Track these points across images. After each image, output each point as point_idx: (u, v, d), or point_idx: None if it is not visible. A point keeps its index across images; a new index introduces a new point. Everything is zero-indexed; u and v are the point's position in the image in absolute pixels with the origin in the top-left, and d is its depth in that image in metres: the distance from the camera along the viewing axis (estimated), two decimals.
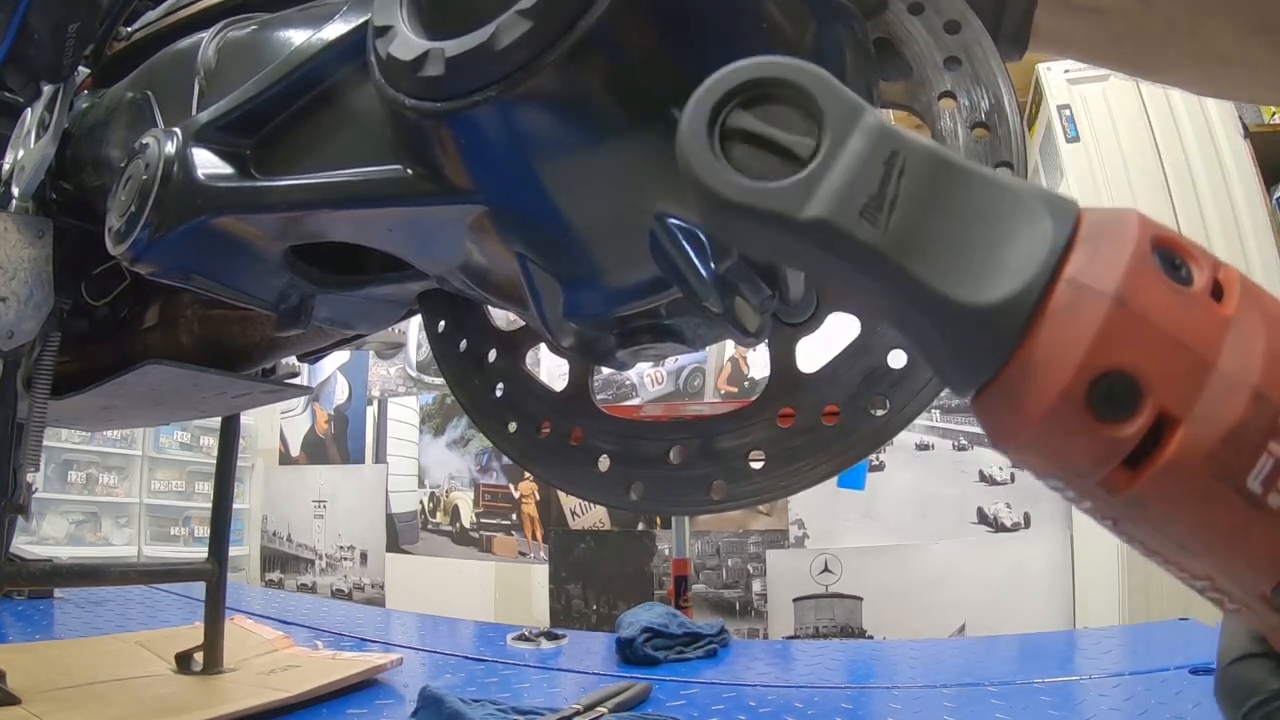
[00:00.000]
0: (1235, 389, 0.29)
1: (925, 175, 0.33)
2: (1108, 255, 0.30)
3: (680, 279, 0.51)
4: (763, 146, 0.34)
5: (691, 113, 0.34)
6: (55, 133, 0.92)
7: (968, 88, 0.57)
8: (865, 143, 0.33)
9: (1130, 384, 0.29)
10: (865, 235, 0.32)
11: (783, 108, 0.34)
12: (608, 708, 1.10)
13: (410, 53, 0.50)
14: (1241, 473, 0.29)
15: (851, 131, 0.33)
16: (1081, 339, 0.29)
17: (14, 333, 0.92)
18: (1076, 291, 0.29)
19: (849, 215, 0.32)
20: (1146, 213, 0.31)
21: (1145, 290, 0.29)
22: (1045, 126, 3.29)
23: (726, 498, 0.60)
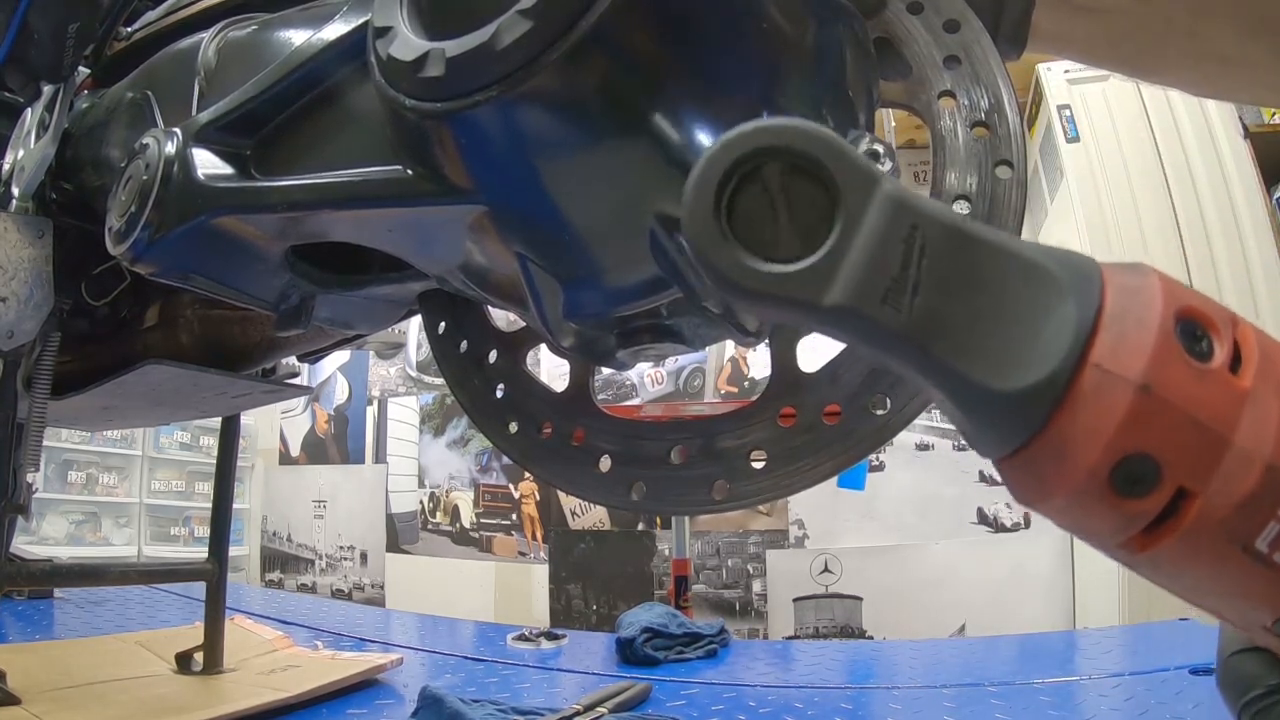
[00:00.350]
0: (1250, 463, 0.30)
1: (946, 251, 0.32)
2: (1133, 339, 0.30)
3: (680, 279, 0.51)
4: (774, 221, 0.33)
5: (695, 191, 0.33)
6: (55, 133, 0.92)
7: (967, 86, 0.56)
8: (883, 219, 0.32)
9: (1151, 465, 0.30)
10: (889, 321, 0.32)
11: (791, 176, 0.33)
12: (608, 708, 1.10)
13: (410, 53, 0.50)
14: (1251, 536, 0.30)
15: (868, 204, 0.32)
16: (1107, 426, 0.30)
17: (14, 333, 0.92)
18: (1103, 378, 0.30)
19: (872, 302, 0.32)
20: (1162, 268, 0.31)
21: (1168, 374, 0.30)
22: (1045, 126, 3.29)
23: (728, 498, 0.59)
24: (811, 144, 0.32)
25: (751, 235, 0.33)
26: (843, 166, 0.32)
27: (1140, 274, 0.31)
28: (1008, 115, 0.55)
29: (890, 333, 0.32)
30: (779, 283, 0.32)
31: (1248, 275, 2.79)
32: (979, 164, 0.55)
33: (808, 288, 0.32)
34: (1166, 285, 0.31)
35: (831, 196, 0.32)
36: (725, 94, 0.49)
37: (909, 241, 0.32)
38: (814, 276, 0.32)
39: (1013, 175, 0.54)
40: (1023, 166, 0.54)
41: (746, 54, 0.50)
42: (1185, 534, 0.30)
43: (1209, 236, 2.86)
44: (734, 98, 0.50)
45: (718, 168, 0.33)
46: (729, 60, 0.49)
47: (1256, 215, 2.81)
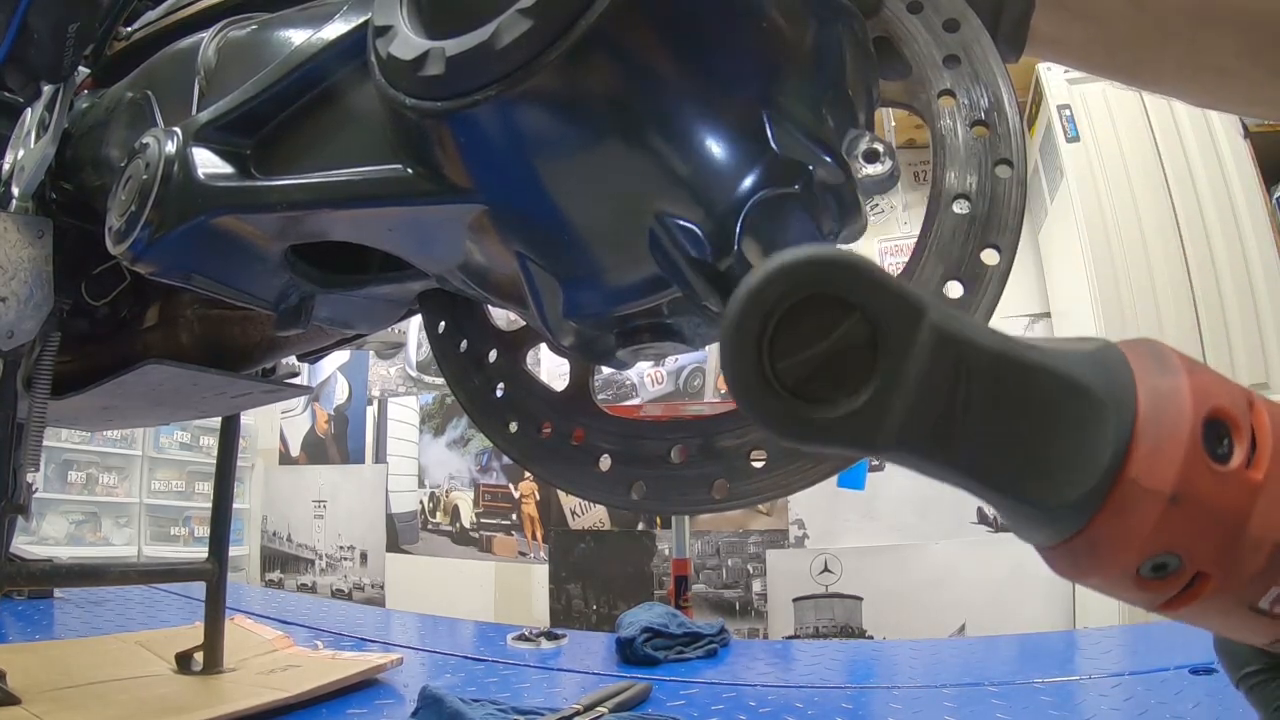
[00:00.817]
0: (1260, 547, 0.33)
1: (991, 378, 0.33)
2: (1166, 453, 0.32)
3: (680, 278, 0.51)
4: (817, 359, 0.32)
5: (733, 346, 0.32)
6: (55, 133, 0.92)
7: (967, 86, 0.56)
8: (929, 354, 0.32)
9: (1175, 558, 0.33)
10: (941, 455, 0.33)
11: (830, 309, 0.32)
12: (608, 708, 1.10)
13: (411, 52, 0.50)
14: (1256, 599, 0.34)
15: (913, 341, 0.32)
16: (1139, 534, 0.33)
17: (14, 332, 0.92)
18: (1137, 493, 0.32)
19: (922, 438, 0.33)
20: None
21: (1195, 483, 0.32)
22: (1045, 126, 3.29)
23: (728, 497, 0.59)
24: (850, 284, 0.32)
25: (794, 376, 0.32)
26: (884, 305, 0.32)
27: (1171, 373, 0.34)
28: (1007, 114, 0.55)
29: (943, 465, 0.33)
30: (829, 430, 0.32)
31: (1248, 275, 2.79)
32: (979, 163, 0.55)
33: (858, 433, 0.32)
34: (1195, 386, 0.33)
35: (873, 332, 0.32)
36: (725, 93, 0.49)
37: (955, 375, 0.32)
38: (863, 421, 0.32)
39: (1012, 174, 0.54)
40: (1022, 165, 0.54)
41: (747, 53, 0.50)
42: (1201, 603, 0.34)
43: (1209, 236, 2.86)
44: (734, 97, 0.50)
45: (753, 320, 0.32)
46: (729, 59, 0.49)
47: (1256, 215, 2.81)
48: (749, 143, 0.50)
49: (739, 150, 0.50)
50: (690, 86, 0.48)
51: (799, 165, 0.50)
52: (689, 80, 0.48)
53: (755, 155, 0.50)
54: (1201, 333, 2.86)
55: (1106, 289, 3.00)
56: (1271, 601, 0.34)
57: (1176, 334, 2.88)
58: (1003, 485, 0.33)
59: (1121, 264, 2.99)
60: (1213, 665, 1.28)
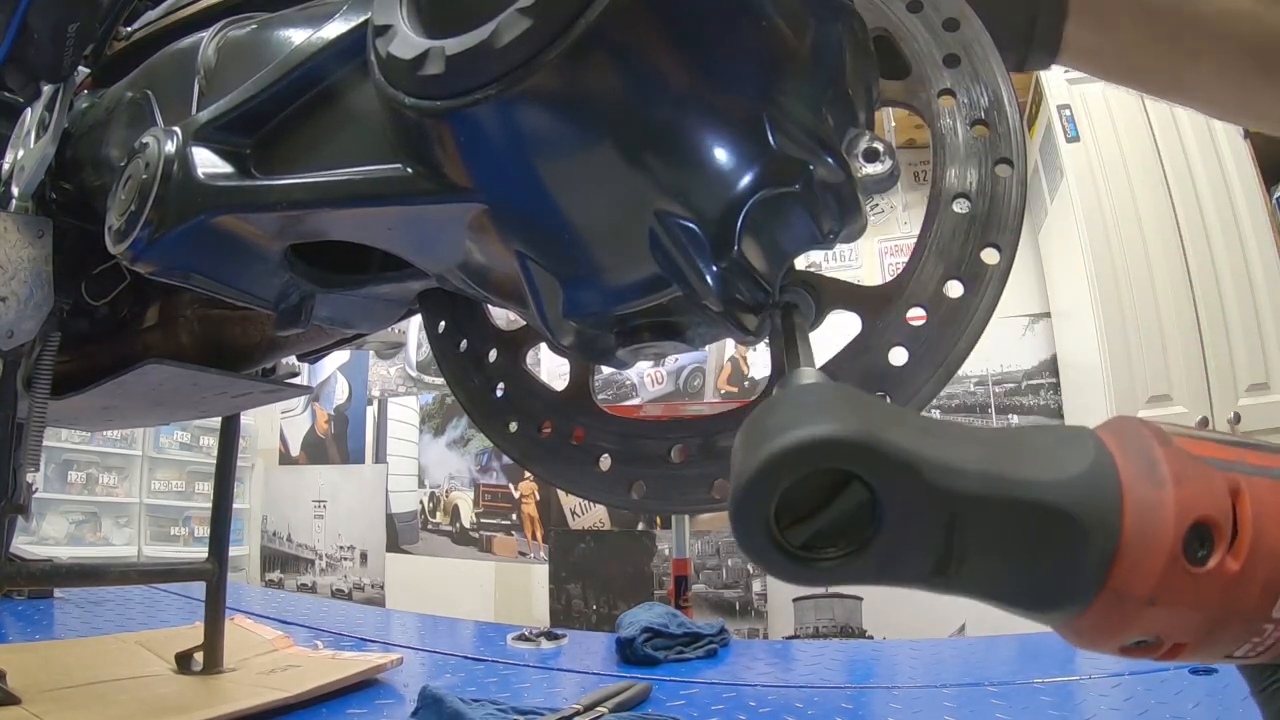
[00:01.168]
0: (1229, 621, 0.36)
1: (985, 522, 0.35)
2: (1145, 567, 0.35)
3: (680, 277, 0.51)
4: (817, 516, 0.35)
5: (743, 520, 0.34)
6: (55, 132, 0.92)
7: (967, 85, 0.57)
8: (926, 509, 0.34)
9: (1155, 639, 0.37)
10: (943, 587, 0.36)
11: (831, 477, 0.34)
12: (608, 708, 1.10)
13: (410, 51, 0.50)
14: (1232, 652, 0.38)
15: (909, 501, 0.34)
16: (1119, 628, 0.36)
17: (14, 332, 0.92)
18: (1117, 599, 0.35)
19: (922, 577, 0.36)
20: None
21: (1172, 587, 0.35)
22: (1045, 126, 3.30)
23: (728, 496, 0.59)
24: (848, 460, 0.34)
25: (800, 536, 0.35)
26: (881, 472, 0.34)
27: (1158, 485, 0.36)
28: (1007, 113, 0.55)
29: (943, 591, 0.36)
30: (835, 575, 0.35)
31: (1248, 275, 2.80)
32: (979, 162, 0.55)
33: (863, 575, 0.35)
34: (1180, 499, 0.35)
35: (872, 492, 0.34)
36: (725, 92, 0.49)
37: (950, 524, 0.35)
38: (867, 567, 0.35)
39: (1012, 173, 0.54)
40: (1023, 164, 0.54)
41: (746, 52, 0.50)
42: (1181, 659, 0.38)
43: (1209, 236, 2.87)
44: (734, 96, 0.49)
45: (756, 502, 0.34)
46: (729, 58, 0.49)
47: (1256, 215, 2.81)
48: (749, 141, 0.50)
49: (739, 149, 0.50)
50: (690, 85, 0.48)
51: (799, 164, 0.50)
52: (689, 79, 0.48)
53: (755, 154, 0.50)
54: (1201, 333, 2.86)
55: (1106, 289, 3.00)
56: (1245, 652, 0.37)
57: (1177, 334, 2.88)
58: (1004, 601, 0.37)
59: (1121, 264, 2.99)
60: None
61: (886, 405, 0.37)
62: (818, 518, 0.35)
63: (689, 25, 0.47)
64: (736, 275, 0.51)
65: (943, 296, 0.55)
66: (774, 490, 0.34)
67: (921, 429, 0.35)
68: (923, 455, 0.34)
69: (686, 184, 0.49)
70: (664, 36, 0.47)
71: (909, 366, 0.56)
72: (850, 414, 0.34)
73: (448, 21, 0.50)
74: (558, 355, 0.64)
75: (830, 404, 0.35)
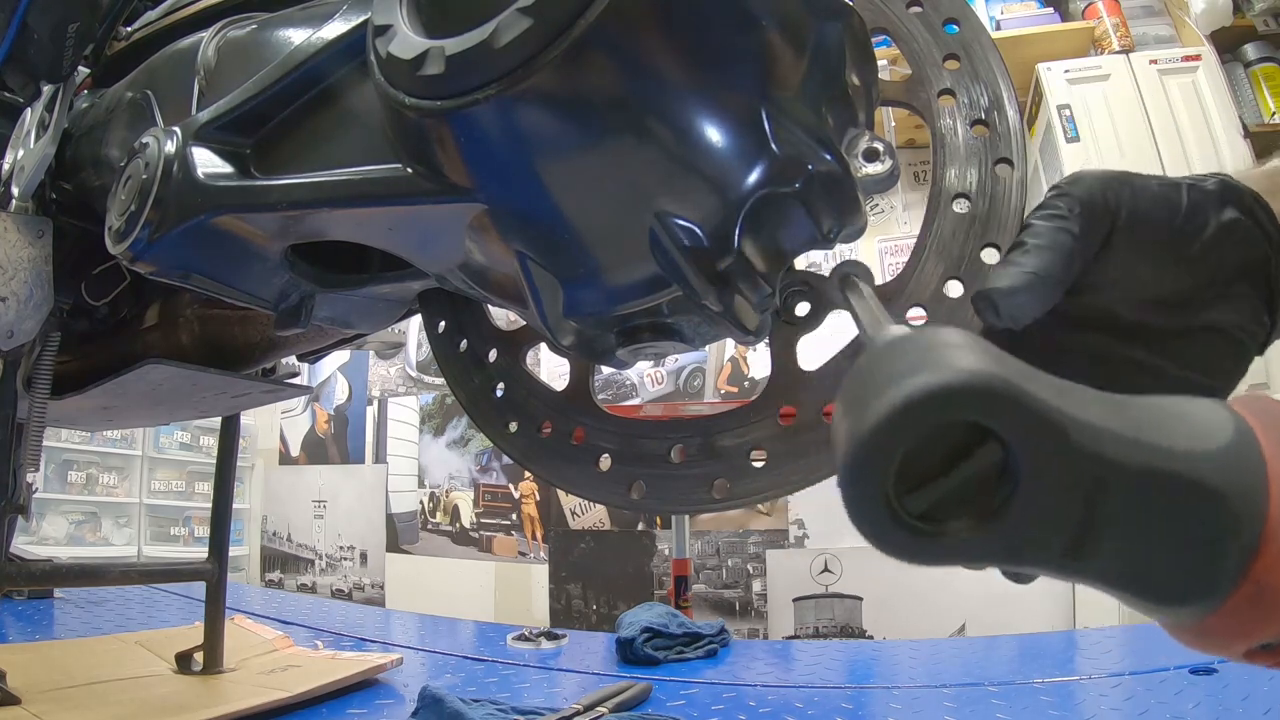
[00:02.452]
0: None
1: (1130, 493, 0.31)
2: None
3: (680, 277, 0.51)
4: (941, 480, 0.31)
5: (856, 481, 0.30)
6: (55, 133, 0.92)
7: (967, 85, 0.57)
8: (1070, 477, 0.30)
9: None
10: (1068, 571, 0.32)
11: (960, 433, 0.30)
12: (608, 708, 1.10)
13: (410, 51, 0.50)
14: None
15: (1053, 466, 0.30)
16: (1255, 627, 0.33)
17: (14, 332, 0.92)
18: (1258, 593, 0.32)
19: (1052, 558, 0.32)
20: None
21: None
22: (1045, 126, 3.29)
23: (728, 496, 0.60)
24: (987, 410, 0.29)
25: (921, 504, 0.31)
26: (1025, 430, 0.30)
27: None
28: (1007, 113, 0.55)
29: (1075, 573, 0.33)
30: (960, 551, 0.31)
31: None
32: (979, 162, 0.55)
33: (992, 552, 0.32)
34: None
35: (1008, 455, 0.30)
36: (725, 92, 0.49)
37: (1093, 490, 0.31)
38: (998, 541, 0.31)
39: (1013, 174, 0.54)
40: (1023, 165, 0.54)
41: (747, 51, 0.50)
42: None
43: None
44: (734, 96, 0.49)
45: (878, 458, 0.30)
46: (729, 58, 0.49)
47: None
48: (749, 141, 0.50)
49: (739, 149, 0.50)
50: (690, 85, 0.48)
51: (799, 164, 0.50)
52: (689, 79, 0.48)
53: (755, 154, 0.50)
54: None
55: None
56: None
57: None
58: (1134, 590, 0.33)
59: None
60: (1213, 665, 1.28)
61: (1014, 358, 0.31)
62: (940, 483, 0.30)
63: (689, 25, 0.47)
64: (737, 275, 0.51)
65: (943, 296, 0.56)
66: (896, 449, 0.29)
67: (1057, 387, 0.31)
68: (1068, 413, 0.30)
69: (687, 184, 0.49)
70: (663, 36, 0.47)
71: None
72: (987, 359, 0.30)
73: (447, 21, 0.50)
74: (558, 355, 0.64)
75: (961, 347, 0.30)
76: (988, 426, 0.29)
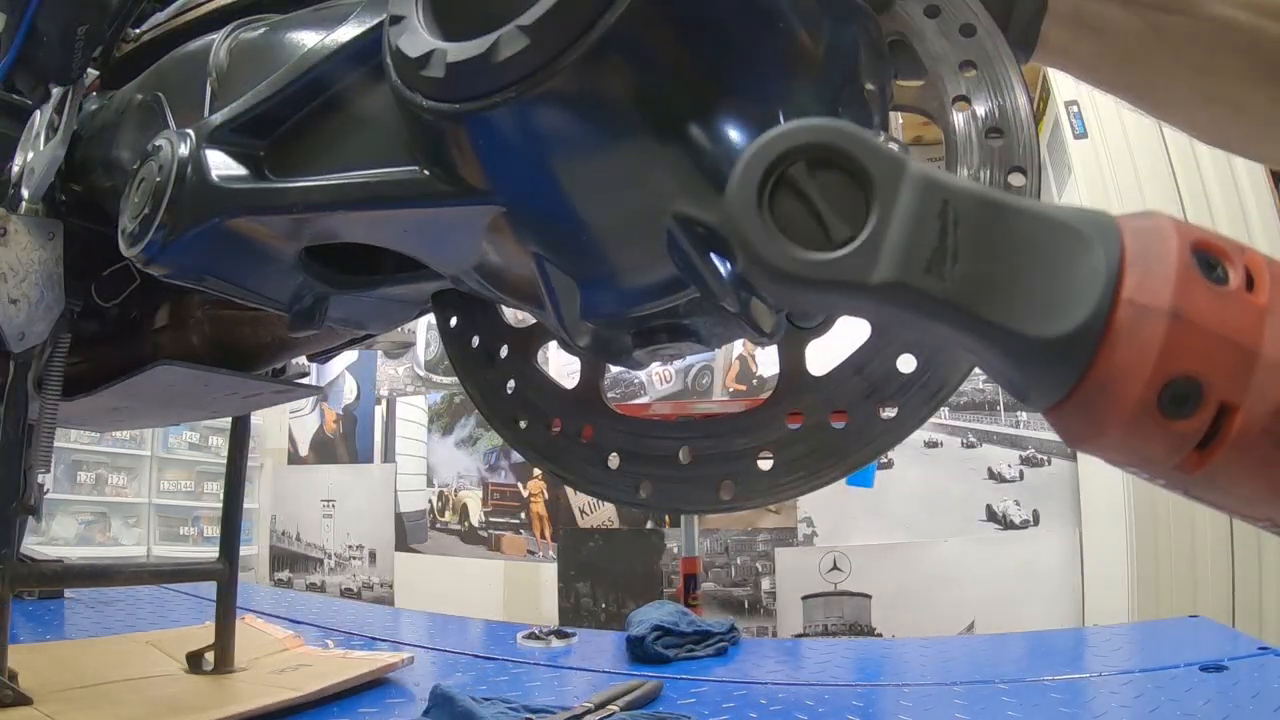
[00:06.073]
0: (1278, 369, 0.32)
1: (978, 220, 0.34)
2: (1157, 272, 0.32)
3: (697, 279, 0.51)
4: (812, 214, 0.35)
5: (738, 196, 0.34)
6: (64, 135, 0.92)
7: (981, 92, 0.56)
8: (916, 197, 0.34)
9: (1194, 385, 0.32)
10: (936, 289, 0.34)
11: (825, 171, 0.35)
12: (619, 706, 1.10)
13: (416, 49, 0.50)
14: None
15: (899, 187, 0.34)
16: (1149, 354, 0.32)
17: (25, 334, 0.92)
18: (1137, 312, 0.32)
19: (917, 273, 0.34)
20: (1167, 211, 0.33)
21: (1194, 299, 0.32)
22: (1053, 123, 3.28)
23: (735, 498, 0.60)
24: (839, 138, 0.34)
25: (794, 230, 0.34)
26: (871, 154, 0.34)
27: (1149, 217, 0.34)
28: (1022, 121, 0.55)
29: (938, 300, 0.34)
30: (828, 268, 0.34)
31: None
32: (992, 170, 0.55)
33: (856, 269, 0.34)
34: (1176, 223, 0.33)
35: (864, 184, 0.34)
36: (741, 93, 0.49)
37: (943, 216, 0.34)
38: (860, 258, 0.34)
39: (1025, 183, 0.54)
40: (1036, 174, 0.53)
41: (761, 53, 0.50)
42: (1233, 444, 0.32)
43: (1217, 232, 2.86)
44: (750, 97, 0.49)
45: (755, 172, 0.34)
46: (744, 60, 0.49)
47: (1265, 212, 2.80)
48: None
49: None
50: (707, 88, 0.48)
51: None
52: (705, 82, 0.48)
53: None
54: None
55: None
56: None
57: None
58: (1000, 319, 0.34)
59: None
60: (1223, 662, 1.28)
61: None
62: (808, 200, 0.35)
63: (704, 29, 0.47)
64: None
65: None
66: (768, 168, 0.34)
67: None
68: (911, 158, 0.35)
69: (704, 185, 0.49)
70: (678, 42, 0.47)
71: (917, 373, 0.56)
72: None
73: (454, 24, 0.50)
74: (572, 355, 0.65)
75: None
76: (839, 157, 0.34)
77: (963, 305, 0.34)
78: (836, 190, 0.34)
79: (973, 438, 3.74)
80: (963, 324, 0.34)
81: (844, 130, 0.34)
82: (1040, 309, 0.33)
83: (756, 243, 0.34)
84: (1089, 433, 0.35)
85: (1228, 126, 0.79)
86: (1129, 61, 0.75)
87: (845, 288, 0.34)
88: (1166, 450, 0.33)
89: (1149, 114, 0.83)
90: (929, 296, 0.34)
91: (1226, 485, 0.34)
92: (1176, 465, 0.34)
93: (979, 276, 0.34)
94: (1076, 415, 0.35)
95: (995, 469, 3.68)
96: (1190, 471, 0.34)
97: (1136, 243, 0.33)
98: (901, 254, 0.33)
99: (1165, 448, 0.33)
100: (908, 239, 0.34)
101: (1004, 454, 3.68)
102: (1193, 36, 0.72)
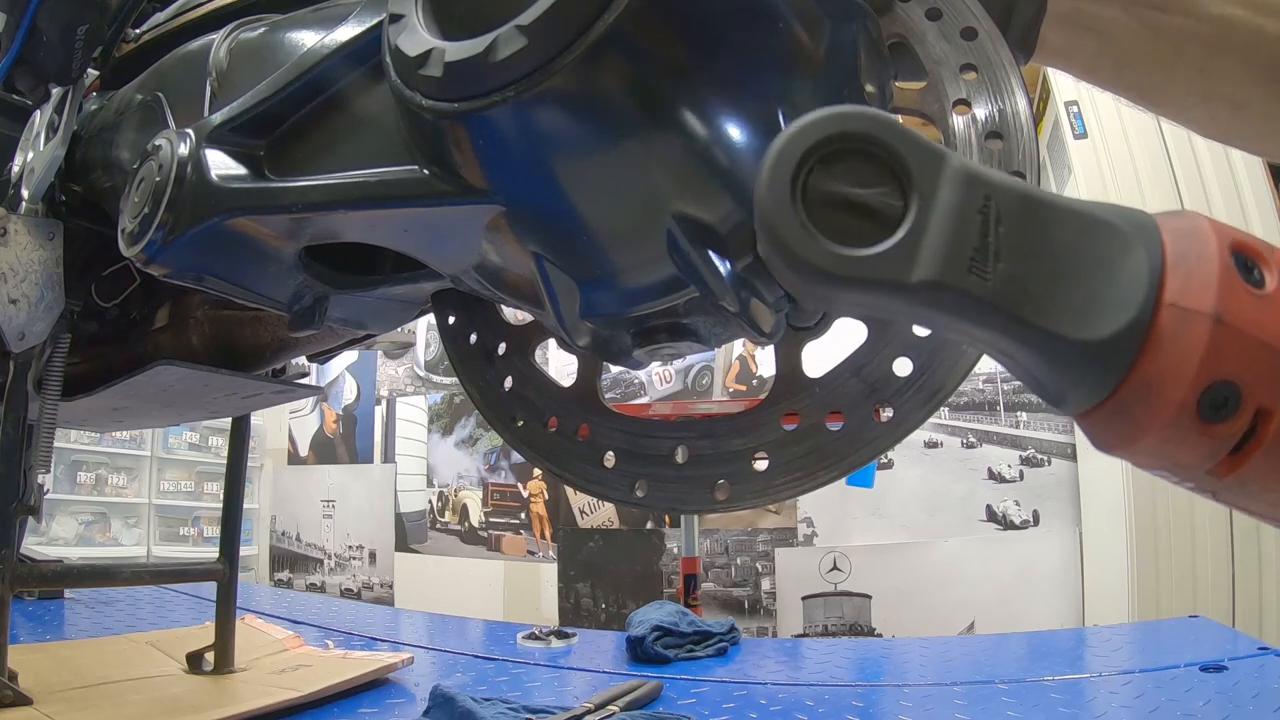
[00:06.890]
0: None
1: (1021, 217, 0.33)
2: (1199, 275, 0.32)
3: (697, 278, 0.51)
4: (849, 208, 0.33)
5: (770, 183, 0.33)
6: (65, 135, 0.92)
7: (982, 95, 0.56)
8: (957, 192, 0.33)
9: (1233, 389, 0.31)
10: (976, 289, 0.33)
11: (859, 162, 0.34)
12: (619, 706, 1.10)
13: (415, 48, 0.50)
14: None
15: (939, 181, 0.33)
16: (1192, 359, 0.31)
17: (25, 334, 0.92)
18: (1180, 316, 0.32)
19: (959, 272, 0.33)
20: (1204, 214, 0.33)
21: (1237, 303, 0.31)
22: (1053, 123, 3.28)
23: (730, 498, 0.60)
24: (879, 128, 0.33)
25: (829, 226, 0.33)
26: (909, 145, 0.33)
27: (1186, 217, 0.33)
28: (1022, 125, 0.55)
29: (979, 301, 0.33)
30: (866, 265, 0.33)
31: None
32: None
33: (894, 267, 0.33)
34: (1213, 224, 0.33)
35: (902, 177, 0.33)
36: (741, 93, 0.49)
37: (985, 212, 0.33)
38: (899, 255, 0.33)
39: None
40: (1035, 176, 0.53)
41: (761, 53, 0.50)
42: (1267, 449, 0.32)
43: None
44: (750, 96, 0.49)
45: (788, 164, 0.33)
46: (744, 59, 0.49)
47: (1265, 212, 2.81)
48: (765, 141, 0.50)
49: (755, 149, 0.50)
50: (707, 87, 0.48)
51: None
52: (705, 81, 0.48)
53: None
54: None
55: None
56: None
57: None
58: (1042, 322, 0.33)
59: None
60: (1223, 662, 1.28)
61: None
62: (845, 192, 0.34)
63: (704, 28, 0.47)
64: (754, 276, 0.51)
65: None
66: (802, 157, 0.33)
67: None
68: (951, 151, 0.34)
69: (704, 185, 0.49)
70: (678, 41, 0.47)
71: (914, 375, 0.56)
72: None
73: (453, 23, 0.50)
74: (572, 355, 0.65)
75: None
76: (878, 149, 0.33)
77: (1004, 307, 0.33)
78: (872, 182, 0.33)
79: (973, 438, 3.74)
80: (1002, 326, 0.33)
81: (879, 119, 0.33)
82: (1081, 311, 0.33)
83: (790, 239, 0.33)
84: (1124, 438, 0.34)
85: (1227, 124, 0.80)
86: (1128, 61, 0.75)
87: (882, 286, 0.33)
88: (1201, 455, 0.33)
89: (1148, 110, 0.83)
90: (970, 297, 0.33)
91: (1257, 490, 0.34)
92: (1209, 470, 0.33)
93: (1021, 277, 0.33)
94: (1113, 420, 0.34)
95: (995, 469, 3.69)
96: (1222, 476, 0.33)
97: (1177, 244, 0.32)
98: (942, 252, 0.33)
99: (1200, 453, 0.33)
100: (949, 236, 0.33)
101: (1004, 454, 3.68)
102: (1191, 36, 0.72)
